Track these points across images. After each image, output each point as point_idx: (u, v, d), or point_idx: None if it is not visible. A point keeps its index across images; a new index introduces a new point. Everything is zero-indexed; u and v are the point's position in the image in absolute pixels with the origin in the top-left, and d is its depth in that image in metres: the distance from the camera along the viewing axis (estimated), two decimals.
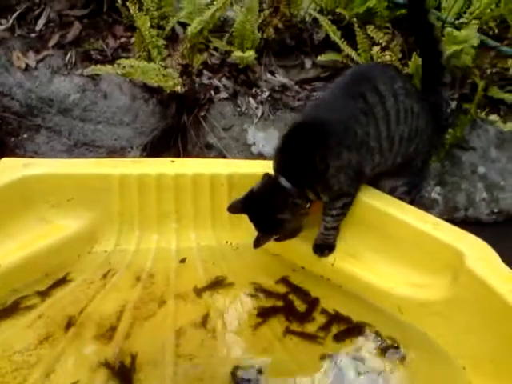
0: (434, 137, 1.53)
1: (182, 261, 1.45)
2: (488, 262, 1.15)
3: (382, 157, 1.34)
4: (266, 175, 1.28)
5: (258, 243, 1.31)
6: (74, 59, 1.89)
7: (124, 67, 1.67)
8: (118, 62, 1.71)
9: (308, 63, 1.99)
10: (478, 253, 1.17)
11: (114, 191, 1.43)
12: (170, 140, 1.88)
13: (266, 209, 1.26)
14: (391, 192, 1.42)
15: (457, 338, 1.16)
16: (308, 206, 1.30)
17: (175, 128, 1.89)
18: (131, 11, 1.79)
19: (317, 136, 1.26)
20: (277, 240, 1.34)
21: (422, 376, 1.16)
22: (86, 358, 1.13)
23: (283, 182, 1.24)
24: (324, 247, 1.38)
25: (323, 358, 1.17)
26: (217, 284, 1.37)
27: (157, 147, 1.83)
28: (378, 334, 1.23)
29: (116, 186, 1.43)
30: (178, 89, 1.75)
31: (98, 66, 1.71)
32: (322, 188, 1.28)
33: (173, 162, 1.49)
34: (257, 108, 1.87)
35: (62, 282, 1.34)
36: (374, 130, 1.30)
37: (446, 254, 1.21)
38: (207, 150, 1.84)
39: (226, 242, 1.50)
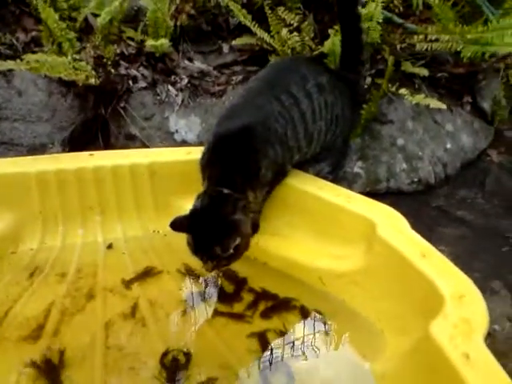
0: (352, 116, 1.58)
1: (109, 246, 1.46)
2: (398, 229, 1.20)
3: (301, 153, 1.39)
4: (201, 193, 1.27)
5: (217, 265, 1.25)
6: None
7: (29, 62, 1.61)
8: (23, 56, 1.66)
9: (225, 48, 2.00)
10: (388, 221, 1.22)
11: (33, 189, 1.42)
12: (91, 134, 1.85)
13: (218, 216, 1.22)
14: (316, 174, 1.47)
15: (374, 304, 1.22)
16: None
17: (95, 121, 1.86)
18: (35, 3, 1.74)
19: (243, 143, 1.28)
20: (229, 260, 1.25)
21: (347, 343, 1.21)
22: (10, 360, 1.12)
23: (226, 190, 1.24)
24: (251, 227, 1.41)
25: (251, 336, 1.20)
26: (145, 274, 1.38)
27: (78, 142, 1.80)
28: (303, 307, 1.28)
29: (34, 183, 1.41)
30: (92, 81, 1.72)
31: (2, 62, 1.65)
32: (257, 187, 1.30)
33: (91, 155, 1.48)
34: (177, 95, 1.87)
35: None
36: (291, 131, 1.33)
37: (359, 224, 1.26)
38: (130, 142, 1.82)
39: (154, 231, 1.52)
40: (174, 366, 1.12)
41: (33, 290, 1.31)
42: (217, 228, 1.20)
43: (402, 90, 1.77)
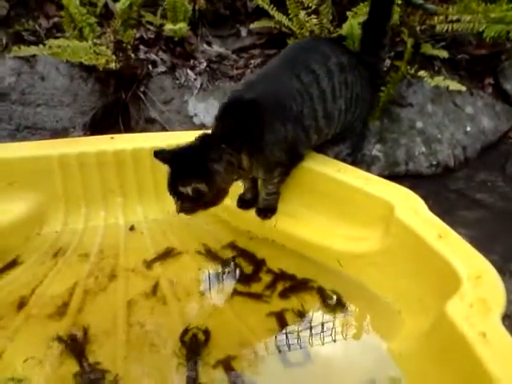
0: (371, 98, 1.56)
1: (131, 228, 1.49)
2: (415, 211, 1.20)
3: (320, 133, 1.38)
4: (199, 136, 1.29)
5: (181, 206, 1.27)
6: (4, 41, 1.85)
7: (51, 47, 1.64)
8: (45, 42, 1.69)
9: (244, 31, 2.00)
10: (406, 203, 1.22)
11: (55, 172, 1.45)
12: (112, 118, 1.87)
13: (199, 157, 1.23)
14: (335, 157, 1.47)
15: (391, 285, 1.22)
16: (237, 176, 1.32)
17: (116, 105, 1.88)
18: None
19: (251, 113, 1.28)
20: (196, 206, 1.27)
21: (364, 324, 1.23)
22: (38, 335, 1.16)
23: (221, 142, 1.25)
24: (267, 211, 1.43)
25: (270, 315, 1.22)
26: (166, 255, 1.41)
27: (99, 126, 1.83)
28: (321, 288, 1.29)
29: (56, 166, 1.44)
30: (113, 66, 1.74)
31: (23, 48, 1.67)
32: (258, 159, 1.30)
33: (112, 138, 1.50)
34: (195, 79, 1.88)
35: (12, 264, 1.36)
36: (309, 109, 1.32)
37: (377, 206, 1.27)
38: (149, 125, 1.84)
39: (173, 213, 1.52)
40: (193, 343, 1.14)
41: (57, 269, 1.35)
42: (191, 166, 1.22)
43: (422, 73, 1.76)
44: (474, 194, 1.87)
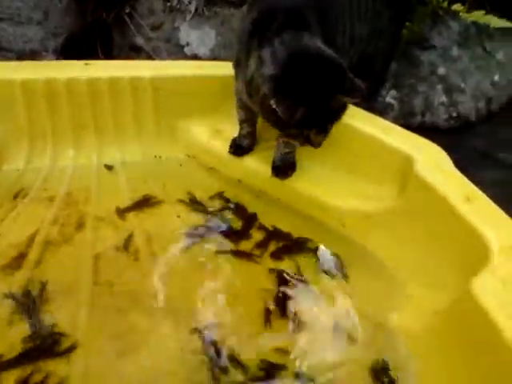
0: (397, 34, 1.41)
1: (108, 168, 1.35)
2: (439, 167, 1.07)
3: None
4: None
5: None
6: None
7: None
8: None
9: None
10: (428, 158, 1.09)
11: (18, 100, 1.28)
12: (90, 43, 1.66)
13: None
14: None
15: (400, 252, 1.09)
16: None
17: (95, 29, 1.66)
18: None
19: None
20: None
21: (364, 292, 1.08)
22: None
23: None
24: (287, 168, 1.26)
25: (258, 276, 1.09)
26: (143, 203, 1.26)
27: (75, 51, 1.62)
28: (318, 249, 1.15)
29: (19, 93, 1.27)
30: None
31: None
32: None
33: (87, 64, 1.32)
34: (190, 2, 1.67)
35: None
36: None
37: (394, 159, 1.14)
38: (134, 54, 1.66)
39: (155, 156, 1.39)
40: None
41: (16, 214, 1.19)
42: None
43: (457, 5, 1.53)
44: (495, 152, 1.72)
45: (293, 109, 0.92)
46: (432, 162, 1.07)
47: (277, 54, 0.97)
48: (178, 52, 1.67)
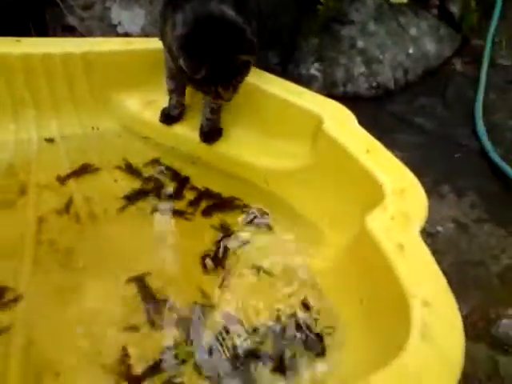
0: (296, 11, 1.50)
1: (49, 140, 1.38)
2: (344, 125, 1.15)
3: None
4: None
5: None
6: None
7: None
8: None
9: None
10: (335, 117, 1.17)
11: None
12: (21, 23, 1.64)
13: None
14: (265, 68, 1.36)
15: (317, 204, 1.19)
16: None
17: (26, 9, 1.66)
18: None
19: None
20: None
21: (288, 242, 1.19)
22: None
23: None
24: (213, 133, 1.34)
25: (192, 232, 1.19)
26: (82, 170, 1.31)
27: (6, 33, 1.57)
28: (246, 206, 1.26)
29: None
30: None
31: None
32: None
33: (18, 41, 1.34)
34: None
35: None
36: None
37: (306, 120, 1.21)
38: (68, 34, 1.66)
39: (92, 128, 1.43)
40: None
41: None
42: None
43: None
44: (412, 118, 1.83)
45: (198, 65, 1.02)
46: (338, 120, 1.16)
47: (186, 17, 1.07)
48: (111, 31, 1.69)
